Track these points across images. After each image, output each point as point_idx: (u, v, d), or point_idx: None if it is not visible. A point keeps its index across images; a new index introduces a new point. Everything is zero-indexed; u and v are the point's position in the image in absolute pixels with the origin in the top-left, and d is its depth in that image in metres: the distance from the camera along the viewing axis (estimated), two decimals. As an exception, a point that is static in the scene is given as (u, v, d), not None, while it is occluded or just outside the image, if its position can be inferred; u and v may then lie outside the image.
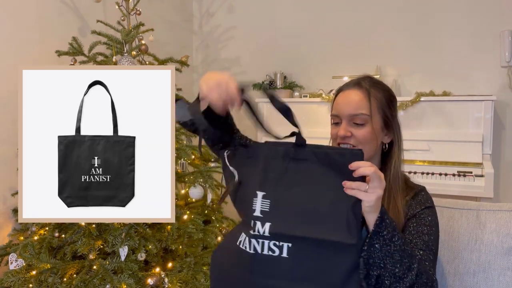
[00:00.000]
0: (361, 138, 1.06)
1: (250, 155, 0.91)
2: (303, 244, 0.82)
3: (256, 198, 0.85)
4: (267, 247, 0.82)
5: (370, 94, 1.07)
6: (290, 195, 0.85)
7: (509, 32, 2.65)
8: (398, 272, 0.87)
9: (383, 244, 0.86)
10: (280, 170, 0.87)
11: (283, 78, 3.16)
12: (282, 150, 0.89)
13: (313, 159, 0.87)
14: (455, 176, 2.43)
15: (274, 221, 0.83)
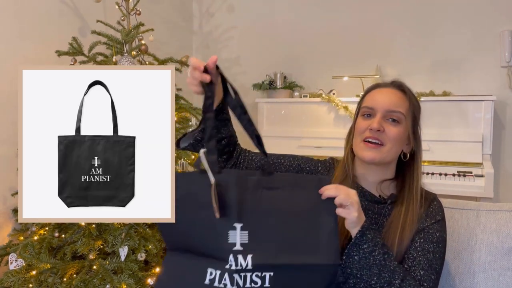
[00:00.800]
0: (392, 136, 1.03)
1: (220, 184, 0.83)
2: (285, 271, 0.82)
3: (234, 231, 0.82)
4: (249, 280, 0.81)
5: (409, 98, 1.07)
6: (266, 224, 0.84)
7: (509, 32, 2.65)
8: (374, 284, 0.90)
9: (362, 256, 0.90)
10: (255, 200, 0.85)
11: (283, 78, 3.16)
12: (254, 180, 0.86)
13: (285, 186, 0.87)
14: (455, 176, 2.43)
15: (255, 252, 0.81)
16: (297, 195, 0.87)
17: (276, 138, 2.98)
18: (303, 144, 2.83)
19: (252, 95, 3.32)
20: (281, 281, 0.82)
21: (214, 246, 0.82)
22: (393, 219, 1.04)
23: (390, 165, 1.09)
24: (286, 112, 3.04)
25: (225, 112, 1.00)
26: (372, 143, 1.03)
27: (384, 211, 1.07)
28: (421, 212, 1.04)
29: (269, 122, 3.09)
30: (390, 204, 1.07)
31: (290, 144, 2.87)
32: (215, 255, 0.82)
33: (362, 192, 1.09)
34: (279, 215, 0.85)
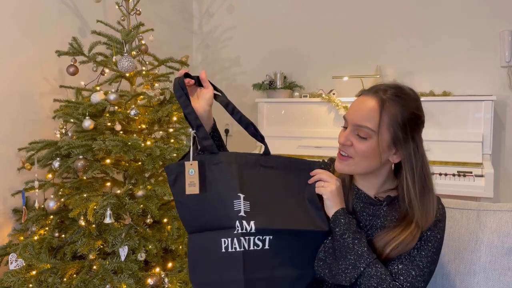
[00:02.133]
0: (359, 151, 0.99)
1: (217, 162, 0.97)
2: (282, 235, 0.97)
3: (238, 200, 0.94)
4: (253, 243, 0.94)
5: (383, 108, 0.97)
6: (264, 197, 0.98)
7: (509, 32, 2.65)
8: (341, 265, 0.97)
9: (335, 239, 1.00)
10: (253, 175, 0.99)
11: (283, 78, 3.16)
12: (253, 157, 1.00)
13: (279, 167, 1.03)
14: (455, 176, 2.43)
15: (257, 219, 0.94)
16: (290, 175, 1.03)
17: (276, 138, 2.98)
18: (303, 144, 2.83)
19: (252, 95, 3.33)
20: (278, 243, 0.96)
21: (223, 216, 0.94)
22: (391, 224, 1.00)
23: (378, 174, 1.05)
24: (286, 112, 3.04)
25: (215, 139, 1.07)
26: (343, 156, 1.03)
27: (378, 212, 1.05)
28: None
29: (269, 122, 3.09)
30: (386, 206, 1.05)
31: (290, 144, 2.87)
32: (225, 225, 0.94)
33: (358, 193, 1.08)
34: (273, 190, 1.00)
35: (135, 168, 1.80)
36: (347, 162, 1.03)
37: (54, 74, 2.20)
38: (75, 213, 1.59)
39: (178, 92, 0.99)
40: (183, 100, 0.98)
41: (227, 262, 0.94)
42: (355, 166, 1.02)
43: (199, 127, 0.98)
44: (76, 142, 1.69)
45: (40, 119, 2.13)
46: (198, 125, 0.98)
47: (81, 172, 1.71)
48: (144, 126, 1.94)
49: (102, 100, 1.79)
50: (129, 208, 1.63)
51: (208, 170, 0.96)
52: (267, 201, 0.98)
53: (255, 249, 0.94)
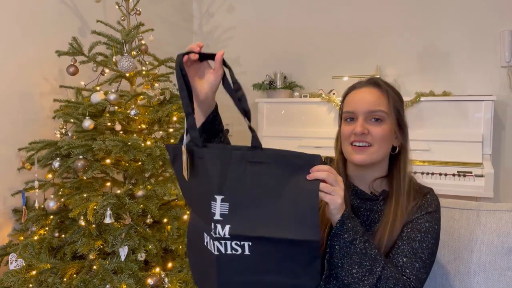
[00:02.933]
0: (378, 136, 1.03)
1: (201, 156, 0.89)
2: (263, 242, 0.85)
3: (215, 202, 0.86)
4: (230, 247, 0.86)
5: (388, 92, 1.06)
6: (248, 197, 0.87)
7: (509, 32, 2.65)
8: (355, 273, 0.91)
9: (343, 246, 0.91)
10: (238, 173, 0.87)
11: (283, 78, 3.16)
12: (239, 153, 0.88)
13: (270, 161, 0.87)
14: (455, 176, 2.43)
15: (233, 223, 0.85)
16: (282, 170, 0.86)
17: (276, 138, 2.98)
18: (303, 144, 2.83)
19: (252, 95, 3.32)
20: (260, 250, 0.86)
21: (204, 214, 0.89)
22: (385, 214, 1.05)
23: (382, 162, 1.09)
24: (286, 112, 3.04)
25: (215, 123, 0.99)
26: (360, 146, 1.04)
27: (376, 207, 1.08)
28: (412, 205, 1.05)
29: (269, 122, 3.08)
30: (382, 200, 1.08)
31: (290, 144, 2.87)
32: (206, 221, 0.89)
33: (354, 190, 1.10)
34: (261, 189, 0.86)
35: (135, 168, 1.80)
36: (368, 150, 1.03)
37: (54, 74, 2.20)
38: (75, 213, 1.59)
39: (177, 73, 0.91)
40: (179, 83, 0.91)
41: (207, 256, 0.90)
42: (377, 153, 1.04)
43: (189, 115, 0.90)
44: (76, 142, 1.69)
45: (40, 119, 2.13)
46: (188, 113, 0.90)
47: (81, 172, 1.71)
48: (144, 126, 1.94)
49: (102, 100, 1.79)
50: (129, 208, 1.63)
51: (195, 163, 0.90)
52: (251, 202, 0.86)
53: (233, 253, 0.86)
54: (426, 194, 1.08)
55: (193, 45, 0.91)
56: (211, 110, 0.97)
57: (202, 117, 0.96)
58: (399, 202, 1.04)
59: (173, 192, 1.81)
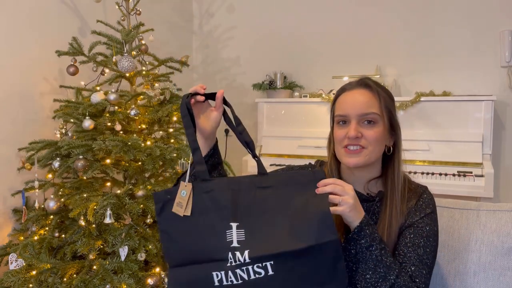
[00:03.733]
0: (372, 138, 1.03)
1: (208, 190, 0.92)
2: (284, 258, 0.86)
3: (230, 230, 0.88)
4: (253, 272, 0.85)
5: (379, 93, 1.05)
6: (262, 220, 0.89)
7: (509, 32, 2.65)
8: (369, 278, 0.92)
9: (359, 251, 0.93)
10: (249, 199, 0.91)
11: (283, 78, 3.16)
12: (247, 181, 0.93)
13: (277, 185, 0.92)
14: (455, 176, 2.43)
15: (252, 247, 0.87)
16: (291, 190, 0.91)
17: (276, 138, 2.98)
18: (303, 144, 2.83)
19: (252, 95, 3.32)
20: (283, 267, 0.86)
21: (214, 248, 0.88)
22: (381, 215, 1.05)
23: (375, 163, 1.09)
24: (286, 112, 3.04)
25: (215, 157, 1.05)
26: (353, 150, 1.04)
27: (373, 208, 1.08)
28: (409, 206, 1.05)
29: (269, 122, 3.08)
30: (379, 201, 1.08)
31: (290, 144, 2.87)
32: (216, 257, 0.87)
33: None
34: (273, 211, 0.90)
35: (135, 168, 1.80)
36: (362, 153, 1.03)
37: (54, 74, 2.20)
38: (75, 213, 1.59)
39: (183, 111, 0.97)
40: (186, 121, 0.96)
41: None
42: (370, 155, 1.04)
43: (196, 150, 0.95)
44: (76, 142, 1.69)
45: (40, 119, 2.13)
46: (195, 148, 0.95)
47: (81, 172, 1.71)
48: (144, 126, 1.94)
49: (102, 100, 1.79)
50: (129, 208, 1.63)
51: (199, 199, 0.91)
52: (265, 225, 0.89)
53: (257, 277, 0.85)
54: (422, 194, 1.08)
55: (197, 87, 0.99)
56: (213, 144, 1.04)
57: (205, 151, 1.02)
58: (394, 202, 1.04)
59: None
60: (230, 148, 3.41)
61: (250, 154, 0.97)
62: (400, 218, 1.03)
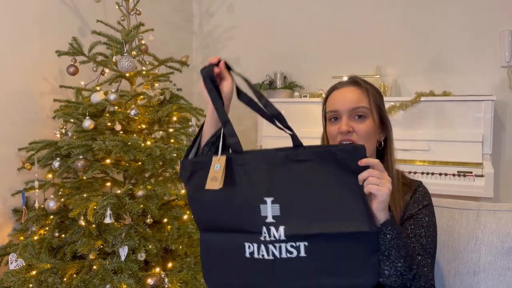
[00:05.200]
0: (363, 132, 1.05)
1: (243, 163, 0.88)
2: (319, 240, 0.83)
3: (265, 205, 0.85)
4: (285, 250, 0.83)
5: (368, 90, 1.09)
6: (298, 196, 0.86)
7: (509, 32, 2.65)
8: (400, 267, 0.89)
9: (394, 236, 0.88)
10: (284, 174, 0.87)
11: (283, 78, 3.16)
12: (282, 154, 0.88)
13: (314, 158, 0.87)
14: (455, 176, 2.43)
15: (287, 223, 0.83)
16: (328, 166, 0.86)
17: (276, 138, 2.97)
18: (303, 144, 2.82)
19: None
20: (316, 250, 0.83)
21: (248, 220, 0.85)
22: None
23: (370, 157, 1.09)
24: (286, 112, 3.01)
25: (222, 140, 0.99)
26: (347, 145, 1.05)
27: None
28: (406, 199, 1.07)
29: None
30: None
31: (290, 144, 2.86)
32: (249, 229, 0.85)
33: None
34: (309, 187, 0.86)
35: (135, 168, 1.80)
36: None
37: (54, 74, 2.20)
38: (75, 213, 1.59)
39: (208, 85, 0.93)
40: (213, 95, 0.93)
41: (253, 268, 0.85)
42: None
43: (226, 123, 0.91)
44: (76, 142, 1.69)
45: (40, 119, 2.13)
46: (225, 121, 0.91)
47: (81, 172, 1.71)
48: (144, 126, 1.94)
49: (102, 100, 1.79)
50: (129, 208, 1.63)
51: (233, 171, 0.88)
52: (302, 201, 0.85)
53: (288, 257, 0.83)
54: (418, 187, 1.10)
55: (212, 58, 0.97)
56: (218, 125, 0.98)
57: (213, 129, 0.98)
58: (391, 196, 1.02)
59: (173, 192, 1.81)
60: (230, 148, 3.41)
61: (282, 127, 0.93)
62: (398, 211, 1.04)
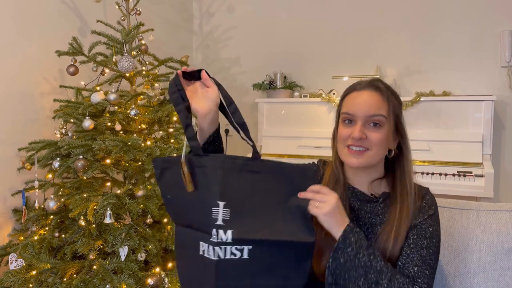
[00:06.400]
0: (376, 141, 1.03)
1: (201, 165, 0.93)
2: (262, 245, 0.90)
3: (217, 207, 0.90)
4: (229, 252, 0.89)
5: (388, 97, 1.05)
6: (248, 203, 0.93)
7: (509, 32, 2.65)
8: (362, 285, 0.93)
9: (347, 259, 0.93)
10: (239, 181, 0.93)
11: (283, 78, 3.16)
12: (240, 162, 0.94)
13: (268, 171, 0.95)
14: (455, 176, 2.43)
15: (236, 228, 0.90)
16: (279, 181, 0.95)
17: (276, 138, 2.98)
18: (303, 144, 2.83)
19: (252, 95, 3.33)
20: (258, 254, 0.90)
21: (202, 221, 0.92)
22: (390, 216, 1.04)
23: (378, 164, 1.09)
24: (286, 112, 3.04)
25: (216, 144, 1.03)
26: (357, 151, 1.04)
27: (376, 209, 1.07)
28: (415, 207, 1.05)
29: (269, 122, 3.09)
30: (383, 202, 1.08)
31: (290, 144, 2.87)
32: (204, 229, 0.92)
33: (354, 192, 1.10)
34: (260, 196, 0.94)
35: (135, 168, 1.80)
36: (365, 154, 1.04)
37: (54, 74, 2.20)
38: (75, 213, 1.59)
39: (171, 89, 0.97)
40: (175, 97, 0.96)
41: (202, 265, 0.92)
42: (372, 157, 1.04)
43: (188, 126, 0.95)
44: (76, 142, 1.69)
45: (40, 119, 2.13)
46: (187, 124, 0.95)
47: (81, 172, 1.71)
48: (144, 126, 1.94)
49: (102, 100, 1.79)
50: (129, 208, 1.63)
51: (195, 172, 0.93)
52: (251, 208, 0.92)
53: (232, 258, 0.89)
54: (425, 195, 1.08)
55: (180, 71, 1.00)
56: (214, 129, 1.00)
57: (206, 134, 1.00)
58: (404, 205, 1.03)
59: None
60: (230, 148, 3.42)
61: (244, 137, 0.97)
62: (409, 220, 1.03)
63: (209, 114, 0.98)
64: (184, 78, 0.99)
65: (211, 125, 1.00)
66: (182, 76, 0.99)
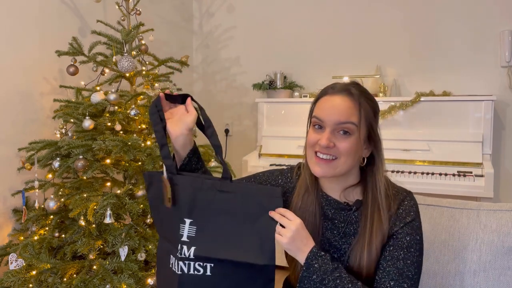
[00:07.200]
0: (344, 150, 0.97)
1: (176, 183, 0.98)
2: (224, 264, 0.94)
3: (184, 224, 0.95)
4: (193, 267, 0.94)
5: (360, 104, 0.99)
6: (214, 222, 0.96)
7: (509, 32, 2.65)
8: None
9: (314, 286, 0.93)
10: (207, 200, 0.97)
11: (283, 78, 3.16)
12: (210, 182, 0.98)
13: (237, 191, 0.98)
14: (455, 176, 2.43)
15: (199, 245, 0.94)
16: (247, 201, 0.97)
17: (276, 138, 2.98)
18: (303, 144, 2.81)
19: (252, 95, 3.33)
20: (221, 271, 0.94)
21: (171, 235, 0.98)
22: (361, 230, 1.00)
23: (351, 171, 1.03)
24: (286, 112, 3.04)
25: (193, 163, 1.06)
26: (324, 159, 0.99)
27: (350, 218, 1.04)
28: (390, 215, 1.00)
29: (269, 122, 3.09)
30: (356, 211, 1.03)
31: (290, 144, 2.87)
32: (172, 243, 0.97)
33: (327, 200, 1.06)
34: (226, 216, 0.96)
35: (135, 168, 1.80)
36: (332, 164, 0.98)
37: (54, 74, 2.20)
38: (75, 213, 1.59)
39: (151, 109, 1.01)
40: (154, 118, 1.00)
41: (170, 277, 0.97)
42: (341, 166, 0.99)
43: (163, 145, 0.99)
44: (76, 142, 1.69)
45: (40, 119, 2.13)
46: (163, 144, 0.99)
47: (81, 172, 1.71)
48: (144, 126, 1.94)
49: (102, 100, 1.79)
50: (129, 208, 1.63)
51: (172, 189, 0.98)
52: (217, 228, 0.96)
53: (195, 273, 0.94)
54: (403, 201, 1.02)
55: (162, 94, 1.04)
56: (189, 149, 1.04)
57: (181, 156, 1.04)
58: (375, 217, 0.99)
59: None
60: (230, 148, 3.42)
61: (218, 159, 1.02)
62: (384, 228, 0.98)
63: (180, 137, 1.01)
64: (167, 100, 1.04)
65: (184, 148, 1.03)
66: (165, 98, 1.03)
